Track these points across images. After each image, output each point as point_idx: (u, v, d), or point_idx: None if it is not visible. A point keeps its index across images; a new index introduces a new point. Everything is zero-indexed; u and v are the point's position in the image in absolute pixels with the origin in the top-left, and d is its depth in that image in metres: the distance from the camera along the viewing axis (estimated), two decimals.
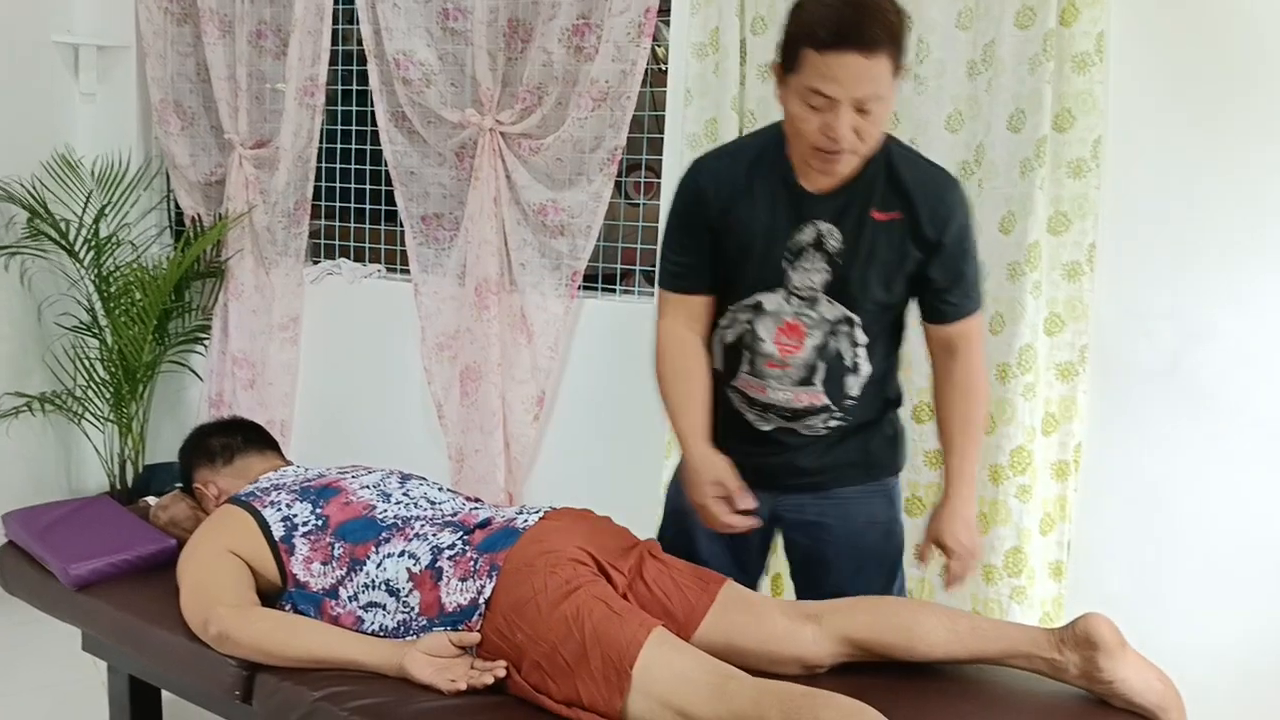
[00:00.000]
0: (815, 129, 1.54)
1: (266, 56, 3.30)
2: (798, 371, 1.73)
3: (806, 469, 1.80)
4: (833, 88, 1.49)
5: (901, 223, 1.65)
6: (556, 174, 2.94)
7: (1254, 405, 2.25)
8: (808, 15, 1.52)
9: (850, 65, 1.48)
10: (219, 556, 1.77)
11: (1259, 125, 2.18)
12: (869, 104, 1.51)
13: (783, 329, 1.71)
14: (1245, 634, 2.30)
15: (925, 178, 1.67)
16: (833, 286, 1.68)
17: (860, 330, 1.71)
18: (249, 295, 3.40)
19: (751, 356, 1.75)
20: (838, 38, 1.47)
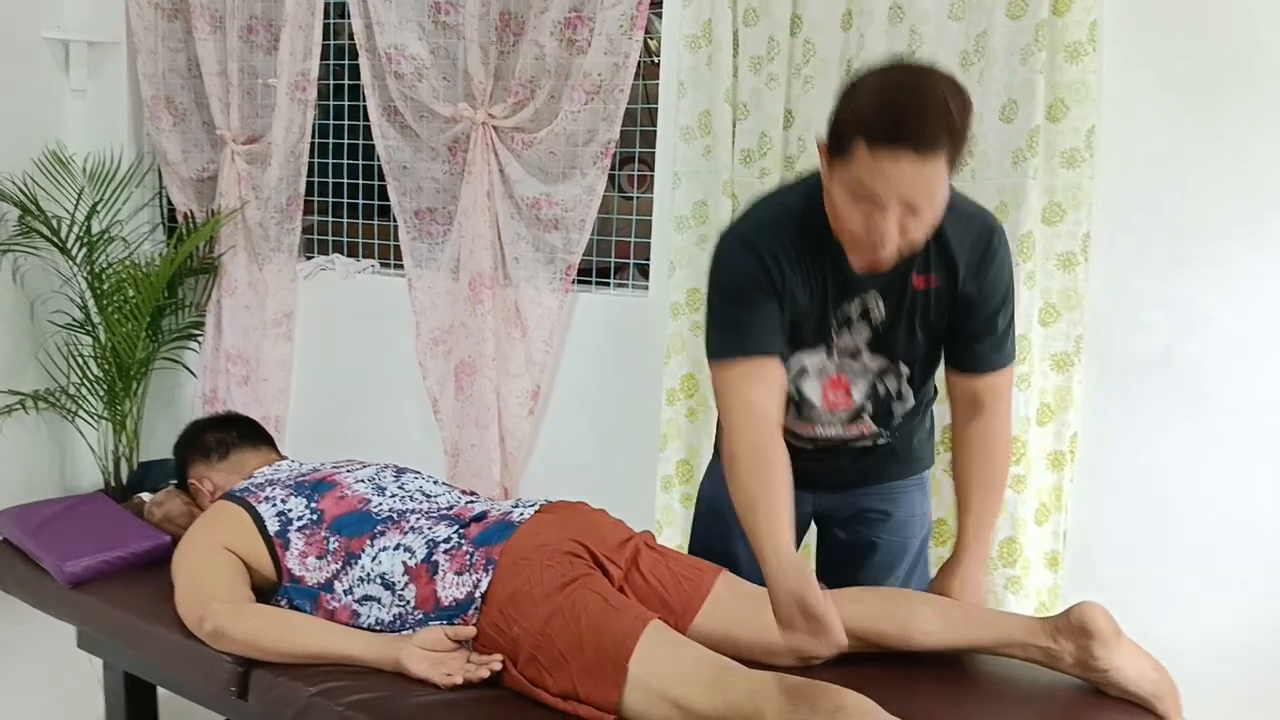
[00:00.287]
0: (859, 224, 1.43)
1: (258, 51, 3.28)
2: (847, 413, 1.72)
3: (850, 470, 1.80)
4: (882, 186, 1.37)
5: (942, 285, 1.59)
6: (550, 167, 2.94)
7: (1249, 395, 2.25)
8: (863, 103, 1.37)
9: (904, 165, 1.34)
10: (214, 552, 1.77)
11: (1253, 114, 2.18)
12: (920, 205, 1.39)
13: (828, 384, 1.69)
14: (1239, 622, 2.31)
15: (969, 234, 1.57)
16: (874, 343, 1.65)
17: (904, 367, 1.69)
18: (242, 291, 3.39)
19: (799, 406, 1.71)
20: (893, 135, 1.33)
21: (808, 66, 2.48)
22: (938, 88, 1.34)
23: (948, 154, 1.35)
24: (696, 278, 2.66)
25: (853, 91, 1.40)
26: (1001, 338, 1.65)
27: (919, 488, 1.89)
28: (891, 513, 1.85)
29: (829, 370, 1.67)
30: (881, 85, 1.37)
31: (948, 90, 1.34)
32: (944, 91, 1.34)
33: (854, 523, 1.86)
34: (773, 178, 2.54)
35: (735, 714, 1.39)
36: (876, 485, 1.83)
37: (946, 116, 1.33)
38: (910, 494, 1.86)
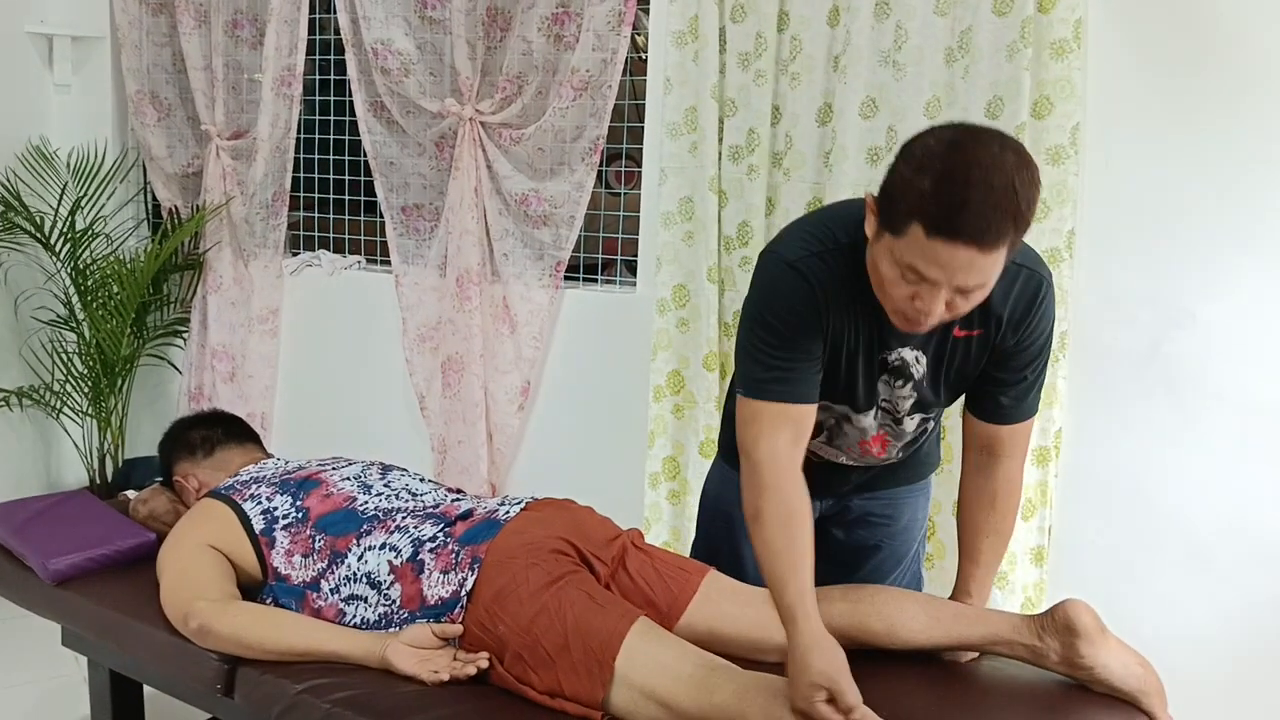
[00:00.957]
0: (904, 297, 1.35)
1: (243, 46, 3.27)
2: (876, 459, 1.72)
3: (858, 481, 1.80)
4: (936, 274, 1.29)
5: (983, 336, 1.53)
6: (538, 164, 2.93)
7: (1232, 391, 2.26)
8: (922, 187, 1.25)
9: (962, 257, 1.26)
10: (199, 550, 1.76)
11: (1236, 111, 2.19)
12: (972, 290, 1.32)
13: (870, 440, 1.67)
14: (1224, 617, 2.32)
15: (1015, 287, 1.49)
16: (916, 406, 1.62)
17: (933, 418, 1.69)
18: (228, 288, 3.38)
19: (830, 437, 1.67)
20: (954, 229, 1.24)
21: (795, 63, 2.48)
22: (1006, 174, 1.23)
23: (1011, 243, 1.27)
24: (683, 274, 2.66)
25: (913, 162, 1.28)
26: (1029, 389, 1.61)
27: (923, 492, 1.89)
28: (895, 517, 1.85)
29: (871, 429, 1.65)
30: (947, 169, 1.24)
31: (1016, 174, 1.24)
32: (1013, 178, 1.23)
33: (856, 526, 1.86)
34: (760, 174, 2.54)
35: (721, 715, 1.39)
36: (883, 492, 1.83)
37: (1014, 208, 1.24)
38: (915, 499, 1.87)
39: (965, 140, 1.27)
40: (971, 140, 1.27)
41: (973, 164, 1.24)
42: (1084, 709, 1.56)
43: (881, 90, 2.41)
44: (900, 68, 2.37)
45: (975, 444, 1.68)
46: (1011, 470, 1.67)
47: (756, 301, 1.53)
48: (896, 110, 2.39)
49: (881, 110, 2.41)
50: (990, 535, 1.71)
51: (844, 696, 1.30)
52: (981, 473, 1.68)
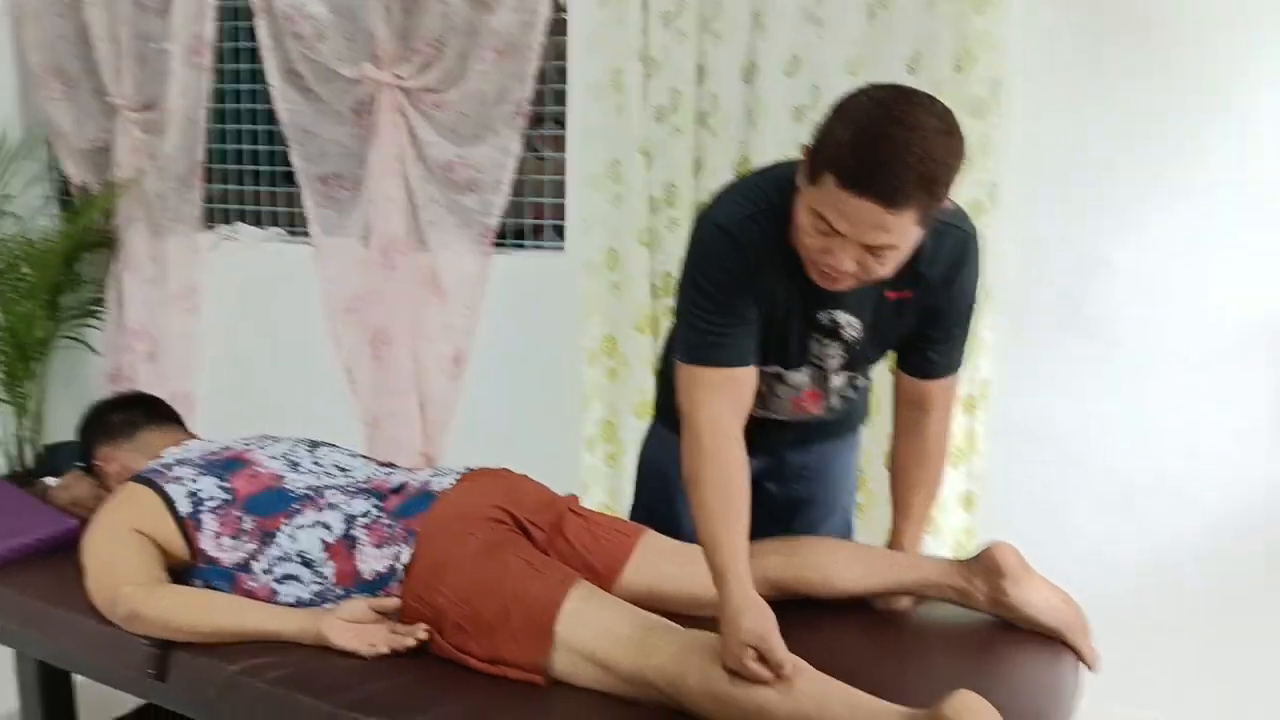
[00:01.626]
0: (817, 249, 1.37)
1: (149, 15, 3.15)
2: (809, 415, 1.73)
3: (791, 436, 1.81)
4: (844, 226, 1.31)
5: (914, 299, 1.55)
6: (461, 129, 2.88)
7: (1149, 336, 2.33)
8: (841, 137, 1.28)
9: (867, 213, 1.28)
10: (123, 535, 1.72)
11: (1155, 64, 2.24)
12: (882, 249, 1.34)
13: (803, 396, 1.69)
14: (1142, 554, 2.41)
15: (943, 247, 1.51)
16: (844, 365, 1.64)
17: (867, 376, 1.71)
18: (143, 265, 3.28)
19: (764, 400, 1.68)
20: (861, 183, 1.26)
21: (717, 21, 2.47)
22: (926, 138, 1.25)
23: (920, 207, 1.28)
24: (613, 236, 2.64)
25: (842, 116, 1.30)
26: (955, 346, 1.64)
27: (853, 445, 1.93)
28: (827, 470, 1.89)
29: (805, 386, 1.67)
30: (864, 125, 1.26)
31: (935, 140, 1.26)
32: (931, 144, 1.25)
33: (790, 480, 1.89)
34: (687, 134, 2.53)
35: (660, 676, 1.40)
36: (815, 445, 1.86)
37: (927, 173, 1.25)
38: (845, 451, 1.91)
39: (894, 100, 1.29)
40: (901, 102, 1.29)
41: (893, 122, 1.25)
42: (1012, 646, 1.61)
43: (804, 48, 2.40)
44: (822, 24, 2.37)
45: (906, 401, 1.72)
46: (940, 424, 1.71)
47: (691, 266, 1.54)
48: (819, 67, 2.39)
49: (805, 67, 2.41)
50: (921, 489, 1.76)
51: (773, 653, 1.32)
52: (912, 429, 1.72)
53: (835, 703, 1.31)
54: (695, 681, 1.37)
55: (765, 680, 1.32)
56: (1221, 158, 2.22)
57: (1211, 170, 2.23)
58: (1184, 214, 2.27)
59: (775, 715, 1.32)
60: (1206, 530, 2.35)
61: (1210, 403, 2.31)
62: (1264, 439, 2.29)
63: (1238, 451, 2.31)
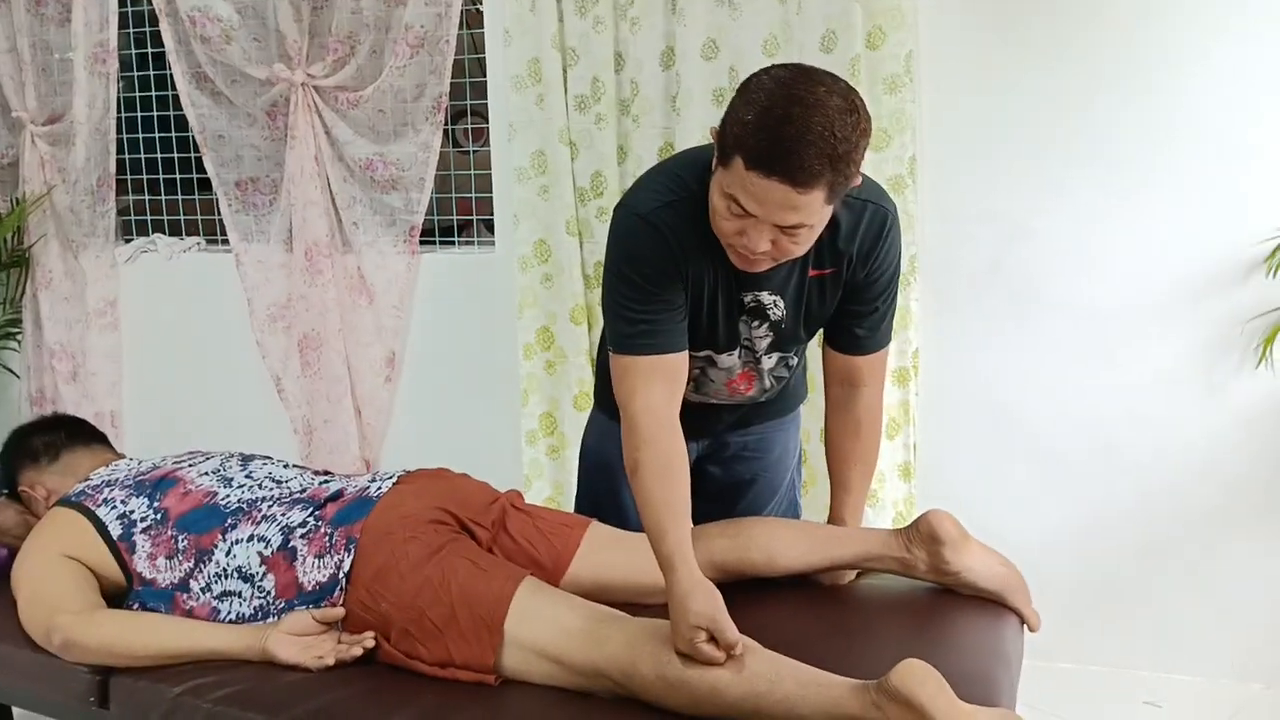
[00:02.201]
0: (732, 231, 1.39)
1: (49, 24, 3.04)
2: (744, 396, 1.75)
3: (729, 419, 1.82)
4: (754, 207, 1.32)
5: (835, 275, 1.57)
6: (380, 126, 2.84)
7: (1072, 298, 2.39)
8: (746, 119, 1.29)
9: (776, 193, 1.29)
10: (54, 562, 1.67)
11: (1060, 30, 2.28)
12: (794, 228, 1.35)
13: (735, 379, 1.70)
14: (1077, 514, 2.47)
15: (862, 223, 1.53)
16: (773, 345, 1.65)
17: (796, 356, 1.73)
18: (59, 282, 3.18)
19: (698, 384, 1.71)
20: (768, 164, 1.27)
21: (633, 7, 2.46)
22: (828, 116, 1.26)
23: (828, 185, 1.29)
24: (542, 229, 2.63)
25: (743, 97, 1.32)
26: (881, 319, 1.65)
27: (793, 423, 1.94)
28: (768, 450, 1.90)
29: (736, 369, 1.68)
30: (767, 106, 1.28)
31: (839, 118, 1.26)
32: (834, 121, 1.26)
33: (731, 462, 1.90)
34: (609, 123, 2.52)
35: (613, 666, 1.41)
36: (755, 427, 1.87)
37: (831, 151, 1.26)
38: (786, 430, 1.92)
39: (795, 80, 1.30)
40: (802, 80, 1.30)
41: (795, 102, 1.27)
42: (954, 611, 1.65)
43: (720, 31, 2.41)
44: (736, 7, 2.38)
45: (836, 377, 1.73)
46: (872, 399, 1.73)
47: (614, 257, 1.54)
48: (736, 50, 2.40)
49: (722, 51, 2.42)
50: (858, 464, 1.78)
51: (724, 634, 1.34)
52: (844, 405, 1.74)
53: (787, 679, 1.33)
54: (648, 668, 1.38)
55: (718, 661, 1.34)
56: (1131, 119, 2.28)
57: (1122, 132, 2.29)
58: (1100, 179, 2.32)
59: (728, 696, 1.34)
60: (1138, 489, 2.43)
61: (1138, 363, 2.38)
62: (1191, 396, 2.36)
63: (1167, 410, 2.38)
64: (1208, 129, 2.24)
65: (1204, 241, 2.29)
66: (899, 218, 1.60)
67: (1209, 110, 2.24)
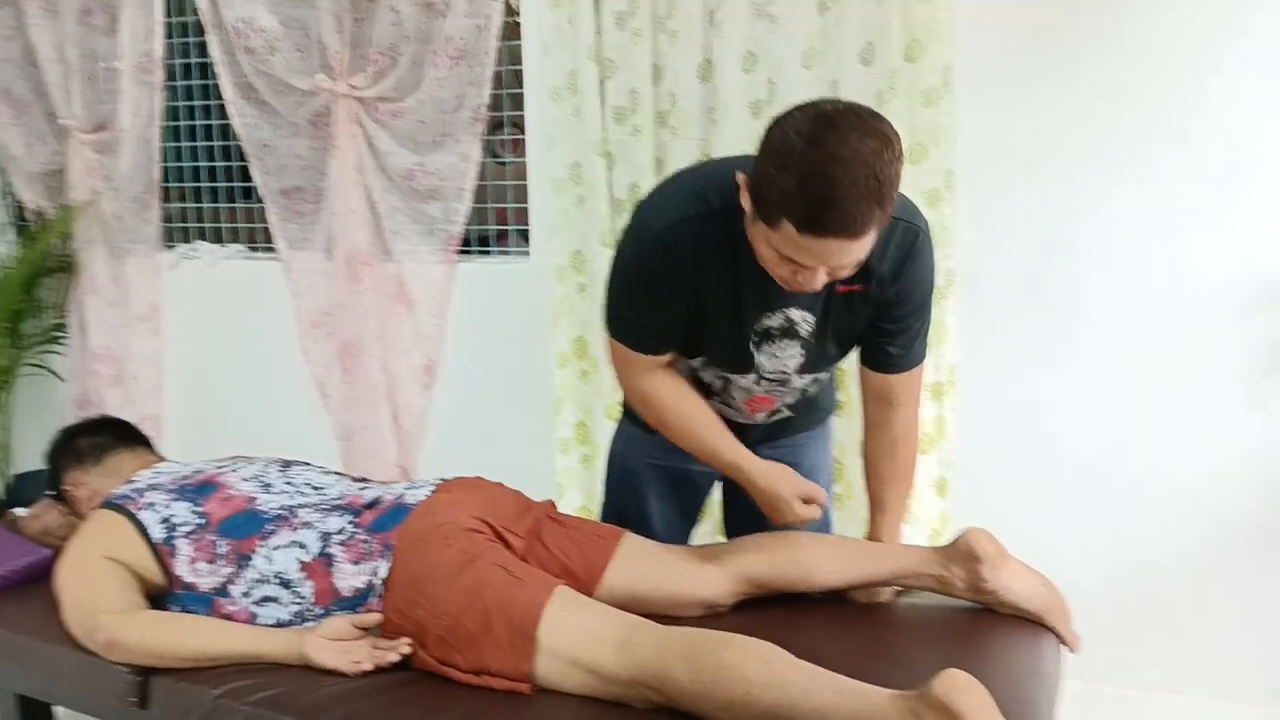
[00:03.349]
0: (786, 274, 1.41)
1: (97, 34, 3.11)
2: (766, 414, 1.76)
3: (757, 432, 1.82)
4: (809, 260, 1.34)
5: (864, 291, 1.56)
6: (420, 136, 2.87)
7: (1111, 313, 2.36)
8: (787, 184, 1.28)
9: (832, 246, 1.31)
10: (97, 563, 1.70)
11: (1098, 42, 2.27)
12: (849, 265, 1.38)
13: (755, 400, 1.71)
14: (1116, 532, 2.44)
15: (892, 240, 1.53)
16: (805, 366, 1.65)
17: (826, 374, 1.73)
18: (104, 287, 3.24)
19: (724, 400, 1.72)
20: (821, 225, 1.29)
21: (671, 19, 2.47)
22: (867, 163, 1.26)
23: (878, 223, 1.31)
24: (578, 240, 2.64)
25: (776, 159, 1.30)
26: (914, 337, 1.65)
27: (823, 436, 1.94)
28: (798, 463, 1.88)
29: (755, 391, 1.68)
30: (809, 169, 1.27)
31: (877, 161, 1.27)
32: (874, 167, 1.26)
33: None
34: (646, 134, 2.53)
35: (645, 673, 1.41)
36: (784, 440, 1.87)
37: (874, 195, 1.27)
38: (815, 443, 1.91)
39: (823, 133, 1.28)
40: (830, 132, 1.28)
41: (832, 160, 1.26)
42: (992, 630, 1.63)
43: (758, 43, 2.41)
44: (774, 19, 2.38)
45: (871, 396, 1.73)
46: (907, 418, 1.72)
47: (622, 261, 1.58)
48: (774, 62, 2.40)
49: (760, 63, 2.42)
50: (894, 483, 1.77)
51: (816, 495, 1.65)
52: (881, 424, 1.73)
53: (823, 687, 1.32)
54: (682, 674, 1.38)
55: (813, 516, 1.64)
56: (1171, 130, 2.26)
57: (1162, 143, 2.27)
58: (1140, 192, 2.30)
59: (762, 702, 1.33)
60: (1179, 505, 2.39)
61: (1178, 378, 2.34)
62: (1233, 411, 2.32)
63: (1208, 425, 2.34)
64: (1248, 142, 2.21)
65: (1245, 256, 2.26)
66: (931, 234, 1.59)
67: (1250, 124, 2.21)
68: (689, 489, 1.91)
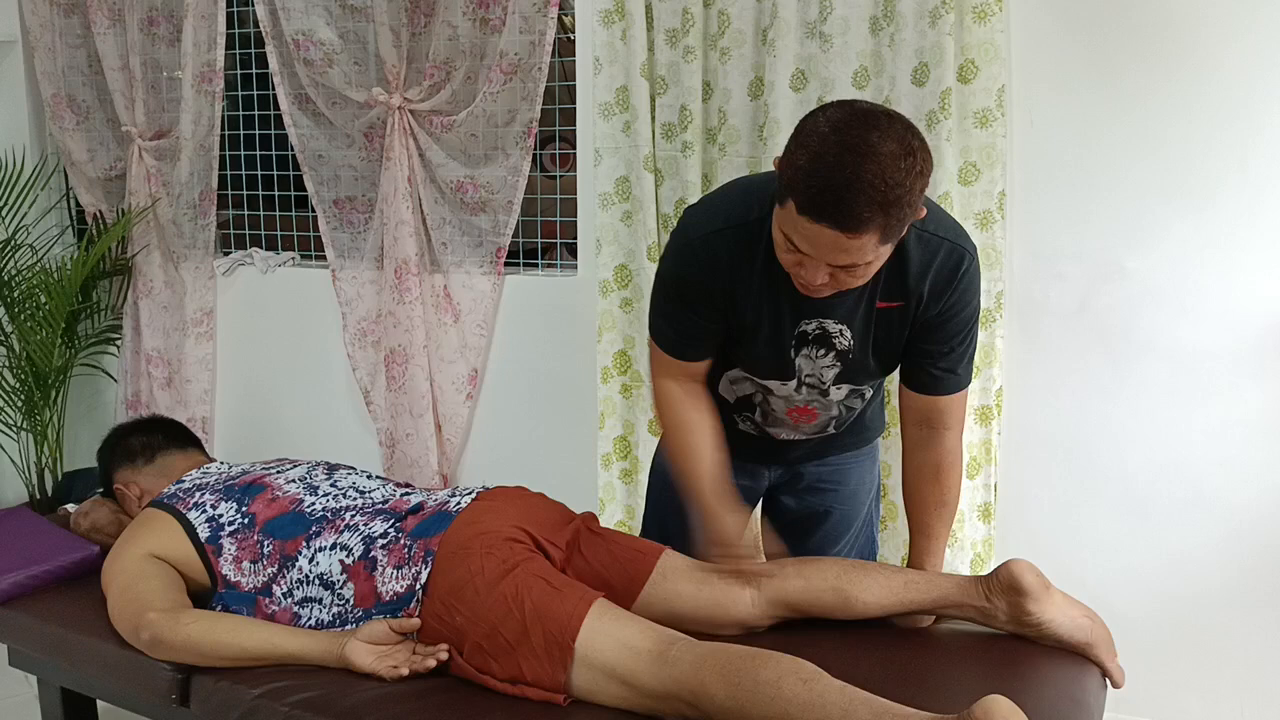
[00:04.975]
0: (791, 264, 1.41)
1: (160, 44, 3.18)
2: (811, 428, 1.75)
3: (803, 449, 1.82)
4: (807, 247, 1.34)
5: (904, 308, 1.56)
6: (471, 150, 2.90)
7: (1161, 340, 2.32)
8: (800, 162, 1.29)
9: (827, 237, 1.30)
10: (144, 561, 1.73)
11: (1155, 67, 2.24)
12: (849, 267, 1.36)
13: (795, 410, 1.71)
14: (1163, 560, 2.39)
15: (935, 262, 1.51)
16: (841, 376, 1.64)
17: (868, 390, 1.72)
18: (159, 291, 3.31)
19: (764, 413, 1.74)
20: (817, 211, 1.28)
21: (723, 38, 2.48)
22: (880, 163, 1.25)
23: (880, 229, 1.29)
24: (624, 254, 2.65)
25: (801, 139, 1.31)
26: (956, 362, 1.63)
27: (869, 456, 1.92)
28: (843, 482, 1.88)
29: (796, 400, 1.68)
30: (819, 152, 1.27)
31: (892, 164, 1.25)
32: (886, 168, 1.25)
33: (806, 493, 1.89)
34: (695, 151, 2.54)
35: (681, 688, 1.40)
36: (831, 458, 1.86)
37: (879, 196, 1.25)
38: (861, 464, 1.90)
39: (848, 125, 1.29)
40: (855, 124, 1.28)
41: (848, 149, 1.26)
42: (1035, 663, 1.60)
43: (810, 62, 2.42)
44: (827, 39, 2.38)
45: (913, 418, 1.71)
46: (951, 441, 1.70)
47: (664, 264, 1.62)
48: (825, 81, 2.40)
49: (811, 82, 2.42)
50: (938, 507, 1.74)
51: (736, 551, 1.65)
52: (922, 446, 1.71)
53: (860, 708, 1.31)
54: (717, 689, 1.37)
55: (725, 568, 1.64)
56: (1229, 159, 2.22)
57: (1220, 172, 2.23)
58: (1194, 218, 2.26)
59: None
60: (1228, 536, 2.34)
61: (1228, 406, 2.30)
62: None
63: (1258, 455, 2.29)
64: None
65: None
66: (978, 258, 1.57)
67: None
68: None
